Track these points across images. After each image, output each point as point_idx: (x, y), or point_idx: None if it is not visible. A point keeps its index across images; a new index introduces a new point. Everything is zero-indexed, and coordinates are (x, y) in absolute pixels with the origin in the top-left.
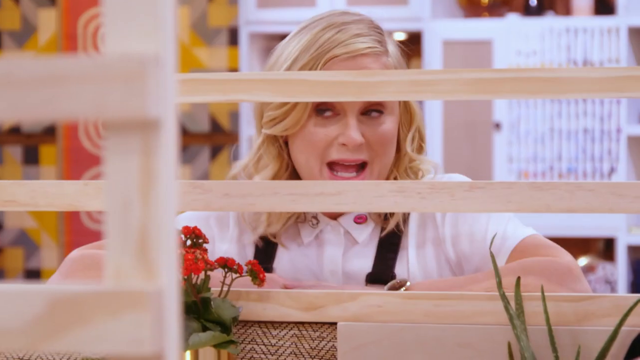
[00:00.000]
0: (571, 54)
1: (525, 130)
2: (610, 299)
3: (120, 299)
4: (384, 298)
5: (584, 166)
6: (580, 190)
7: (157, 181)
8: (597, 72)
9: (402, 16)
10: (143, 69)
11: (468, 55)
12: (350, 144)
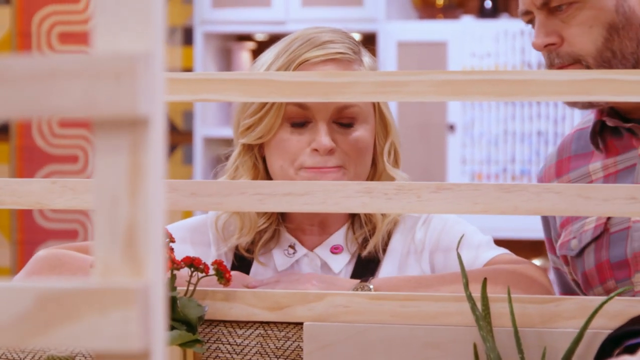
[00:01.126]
0: (525, 57)
1: (479, 132)
2: (575, 301)
3: (107, 296)
4: (350, 298)
5: (537, 168)
6: (548, 192)
7: (145, 179)
8: (566, 75)
9: (357, 17)
10: (133, 67)
11: (423, 57)
12: (321, 149)
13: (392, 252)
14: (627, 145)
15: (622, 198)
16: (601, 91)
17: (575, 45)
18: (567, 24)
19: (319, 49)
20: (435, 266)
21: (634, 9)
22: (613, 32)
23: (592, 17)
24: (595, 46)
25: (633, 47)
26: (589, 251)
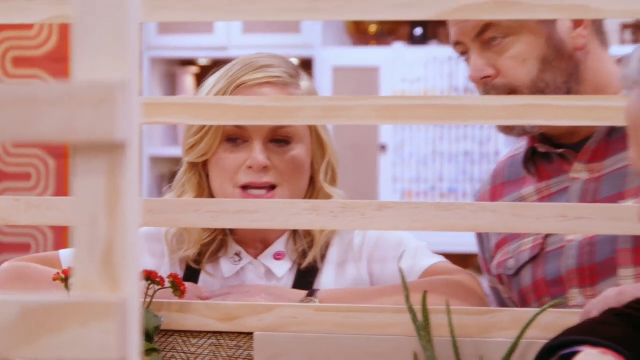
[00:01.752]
0: (453, 82)
1: (409, 153)
2: (510, 313)
3: (88, 309)
4: (298, 310)
5: (464, 187)
6: (484, 211)
7: (122, 199)
8: (499, 101)
9: (294, 43)
10: (111, 94)
11: (356, 81)
12: (255, 166)
13: (330, 261)
14: (558, 170)
15: (553, 216)
16: (534, 116)
17: (510, 77)
18: (501, 57)
19: (257, 72)
20: (374, 274)
21: (564, 41)
22: (546, 64)
23: (526, 50)
24: (529, 77)
25: (564, 78)
26: (525, 270)
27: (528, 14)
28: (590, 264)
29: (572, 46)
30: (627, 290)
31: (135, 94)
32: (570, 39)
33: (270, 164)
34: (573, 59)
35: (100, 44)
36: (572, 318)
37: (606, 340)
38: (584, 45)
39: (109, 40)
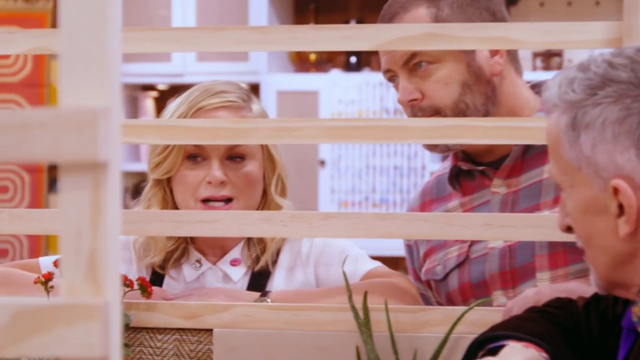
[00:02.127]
0: (384, 104)
1: (345, 167)
2: (441, 311)
3: (73, 311)
4: (252, 309)
5: (394, 197)
6: (418, 220)
7: (104, 213)
8: (432, 122)
9: (243, 70)
10: (94, 119)
11: (298, 104)
12: (213, 182)
13: (281, 265)
14: (480, 185)
15: (479, 225)
16: (459, 136)
17: (434, 100)
18: (426, 81)
19: (213, 98)
20: (319, 277)
21: (482, 67)
22: (466, 87)
23: (448, 75)
24: (451, 100)
25: (482, 100)
26: (452, 275)
27: (455, 45)
28: (511, 269)
29: (490, 72)
30: (543, 290)
31: (117, 118)
32: (487, 65)
33: (226, 179)
34: (490, 84)
35: (84, 73)
36: (496, 315)
37: (529, 335)
38: (499, 72)
39: (92, 69)
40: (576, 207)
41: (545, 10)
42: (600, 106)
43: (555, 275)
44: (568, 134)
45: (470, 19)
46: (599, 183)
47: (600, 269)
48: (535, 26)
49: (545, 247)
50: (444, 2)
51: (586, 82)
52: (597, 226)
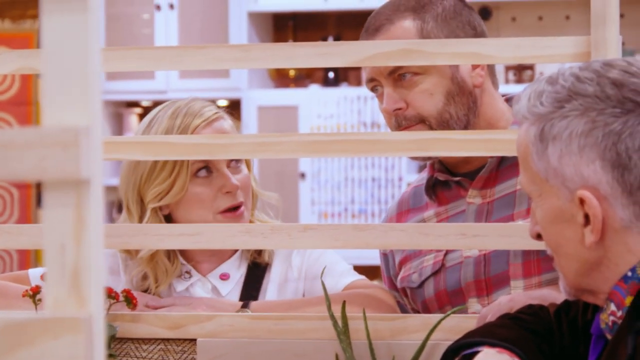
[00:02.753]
0: (361, 117)
1: (325, 179)
2: (418, 318)
3: (59, 324)
4: (235, 319)
5: (373, 208)
6: (394, 230)
7: (87, 228)
8: (407, 136)
9: (224, 86)
10: (77, 138)
11: (278, 119)
12: (233, 190)
13: (272, 280)
14: (455, 195)
15: (453, 234)
16: (436, 148)
17: (419, 109)
18: (411, 91)
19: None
20: (305, 290)
21: (465, 79)
22: (450, 98)
23: (433, 86)
24: (436, 110)
25: (465, 111)
26: (428, 283)
27: (430, 60)
28: (486, 277)
29: (472, 84)
30: (517, 297)
31: (98, 136)
32: (470, 77)
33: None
34: (472, 95)
35: (67, 93)
36: (471, 322)
37: (502, 341)
38: (481, 84)
39: (75, 90)
40: (545, 216)
41: (517, 25)
42: (567, 119)
43: (529, 283)
44: (536, 145)
45: (454, 32)
46: (565, 193)
47: (568, 276)
48: (507, 42)
49: (519, 256)
50: (429, 14)
51: (554, 95)
52: (565, 234)
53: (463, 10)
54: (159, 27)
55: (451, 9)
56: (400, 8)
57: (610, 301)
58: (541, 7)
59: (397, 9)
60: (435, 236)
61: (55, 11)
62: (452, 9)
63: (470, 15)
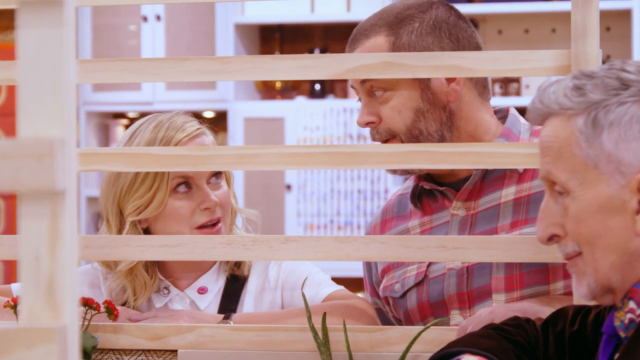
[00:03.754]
0: (347, 129)
1: (311, 191)
2: (398, 330)
3: (33, 334)
4: (216, 330)
5: (359, 220)
6: (375, 242)
7: (62, 239)
8: (388, 148)
9: (210, 98)
10: (52, 149)
11: (265, 130)
12: (212, 206)
13: (249, 291)
14: (440, 206)
15: (434, 247)
16: (417, 160)
17: (389, 124)
18: (383, 107)
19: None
20: (285, 300)
21: (436, 95)
22: (420, 114)
23: (402, 103)
24: (405, 126)
25: (437, 126)
26: (411, 293)
27: (411, 73)
28: (468, 290)
29: (446, 99)
30: (497, 310)
31: (73, 148)
32: (443, 93)
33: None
34: (446, 110)
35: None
36: (451, 334)
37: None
38: (456, 99)
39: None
40: (586, 206)
41: (503, 38)
42: (625, 105)
43: (511, 297)
44: (586, 133)
45: (429, 47)
46: (618, 179)
47: (601, 270)
48: (487, 55)
49: (502, 269)
50: (404, 29)
51: (604, 84)
52: (610, 224)
53: (445, 22)
54: (145, 39)
55: (430, 22)
56: (378, 23)
57: (629, 299)
58: (527, 20)
59: (375, 23)
60: (415, 248)
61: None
62: (432, 22)
63: (454, 26)
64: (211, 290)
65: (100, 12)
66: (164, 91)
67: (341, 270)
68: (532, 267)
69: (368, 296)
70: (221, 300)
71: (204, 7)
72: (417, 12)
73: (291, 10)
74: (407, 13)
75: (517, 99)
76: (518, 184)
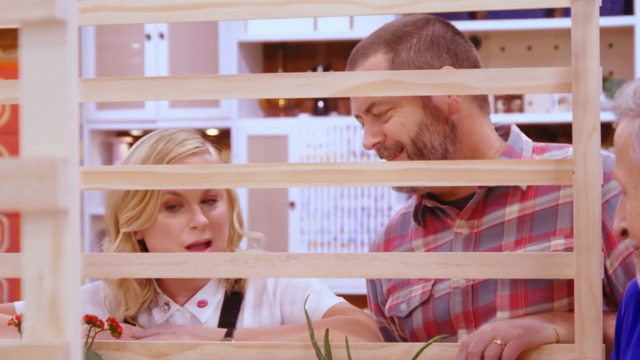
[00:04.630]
0: (351, 146)
1: (314, 208)
2: (399, 347)
3: (36, 352)
4: (219, 347)
5: (362, 237)
6: (376, 259)
7: (65, 257)
8: (389, 166)
9: (214, 116)
10: (54, 169)
11: (268, 148)
12: (199, 226)
13: (248, 304)
14: (443, 225)
15: (436, 263)
16: (417, 178)
17: (395, 138)
18: (386, 124)
19: (181, 147)
20: (284, 314)
21: (439, 107)
22: (424, 127)
23: (405, 116)
24: (409, 138)
25: (441, 140)
26: (416, 313)
27: (411, 91)
28: (473, 308)
29: (447, 110)
30: (499, 326)
31: (76, 167)
32: (445, 104)
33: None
34: (449, 122)
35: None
36: (453, 350)
37: None
38: (457, 110)
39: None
40: (637, 208)
41: (506, 55)
42: None
43: (515, 315)
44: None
45: (428, 62)
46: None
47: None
48: (489, 72)
49: (507, 287)
50: (403, 46)
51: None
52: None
53: (442, 38)
54: (149, 57)
55: (427, 38)
56: (377, 41)
57: None
58: (530, 37)
59: (373, 41)
60: (417, 265)
61: (33, 44)
62: (429, 38)
63: (452, 41)
64: (211, 304)
65: (103, 31)
66: (168, 109)
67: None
68: (537, 284)
69: (372, 315)
70: (221, 313)
71: (207, 25)
72: (414, 28)
73: (294, 28)
74: (404, 30)
75: (520, 115)
76: (521, 201)
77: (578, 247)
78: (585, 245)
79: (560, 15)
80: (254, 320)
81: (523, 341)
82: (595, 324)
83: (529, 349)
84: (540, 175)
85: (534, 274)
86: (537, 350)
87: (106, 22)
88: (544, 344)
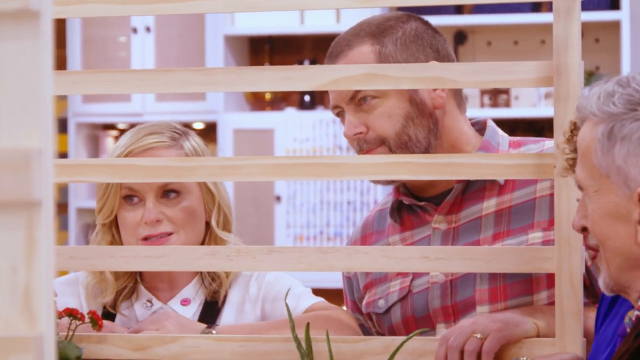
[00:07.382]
0: (337, 141)
1: (300, 202)
2: (380, 340)
3: (9, 344)
4: (199, 340)
5: (348, 231)
6: (357, 253)
7: (39, 249)
8: (370, 159)
9: (200, 110)
10: (28, 160)
11: (254, 142)
12: (148, 221)
13: (230, 302)
14: (421, 220)
15: (416, 257)
16: (399, 172)
17: (378, 131)
18: (370, 115)
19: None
20: (265, 313)
21: (424, 101)
22: (409, 120)
23: (391, 108)
24: (394, 131)
25: (425, 133)
26: (395, 309)
27: (394, 85)
28: (452, 303)
29: (432, 105)
30: (479, 320)
31: (50, 159)
32: (430, 99)
33: (162, 216)
34: (432, 117)
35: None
36: (433, 344)
37: None
38: (441, 105)
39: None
40: (598, 211)
41: (493, 49)
42: (638, 122)
43: (495, 309)
44: (603, 142)
45: (414, 55)
46: (625, 191)
47: (611, 269)
48: (470, 66)
49: (485, 281)
50: (388, 39)
51: (627, 97)
52: (616, 230)
53: (425, 33)
54: (135, 50)
55: (412, 32)
56: (360, 33)
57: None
58: (516, 32)
59: (357, 34)
60: (398, 259)
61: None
62: (413, 32)
63: (433, 38)
64: (194, 302)
65: (90, 24)
66: (154, 102)
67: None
68: (516, 278)
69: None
70: (202, 312)
71: (194, 18)
72: (398, 22)
73: (281, 22)
74: (388, 24)
75: (506, 110)
76: (499, 196)
77: (559, 241)
78: (566, 239)
79: (547, 10)
80: (236, 320)
81: (503, 335)
82: (576, 318)
83: (509, 343)
84: (521, 169)
85: (514, 268)
86: (517, 344)
87: (91, 14)
88: (524, 337)
